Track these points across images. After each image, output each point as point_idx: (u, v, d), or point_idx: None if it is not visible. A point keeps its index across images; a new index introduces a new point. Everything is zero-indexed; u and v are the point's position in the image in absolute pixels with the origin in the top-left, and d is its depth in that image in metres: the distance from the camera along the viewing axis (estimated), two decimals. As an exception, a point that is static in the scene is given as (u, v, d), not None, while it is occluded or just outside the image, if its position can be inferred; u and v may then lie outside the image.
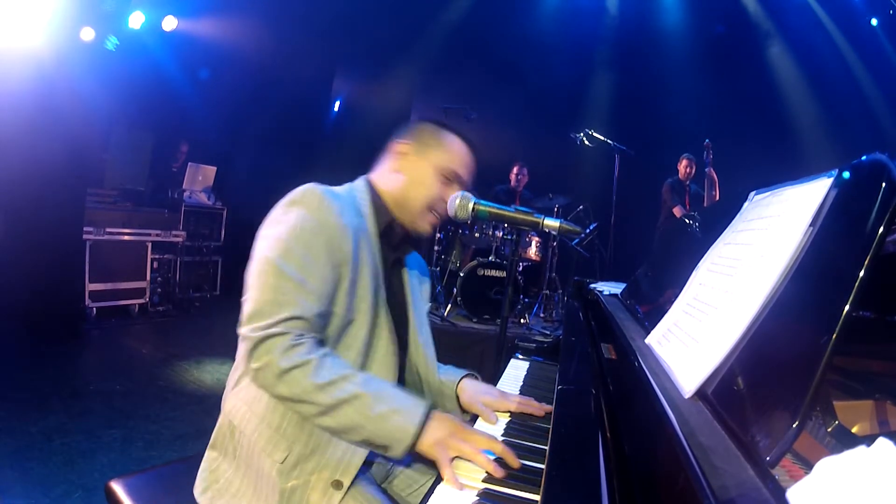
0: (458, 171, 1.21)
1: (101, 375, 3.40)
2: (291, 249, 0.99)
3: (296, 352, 0.95)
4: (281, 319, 0.95)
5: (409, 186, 1.19)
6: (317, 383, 0.94)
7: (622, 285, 1.87)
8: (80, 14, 4.25)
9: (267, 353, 0.94)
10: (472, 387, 1.24)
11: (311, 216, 1.02)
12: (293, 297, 0.97)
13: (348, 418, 0.95)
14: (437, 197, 1.20)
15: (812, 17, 6.39)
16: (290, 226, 1.01)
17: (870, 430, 0.75)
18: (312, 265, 1.00)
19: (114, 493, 1.13)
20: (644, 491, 0.56)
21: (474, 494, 0.83)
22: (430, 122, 1.26)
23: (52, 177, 3.87)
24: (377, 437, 0.95)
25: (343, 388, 0.95)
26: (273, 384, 0.95)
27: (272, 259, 0.98)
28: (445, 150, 1.21)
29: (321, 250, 1.01)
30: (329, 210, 1.04)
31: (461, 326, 4.11)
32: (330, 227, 1.03)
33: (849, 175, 0.71)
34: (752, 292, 0.73)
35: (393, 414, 0.95)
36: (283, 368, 0.93)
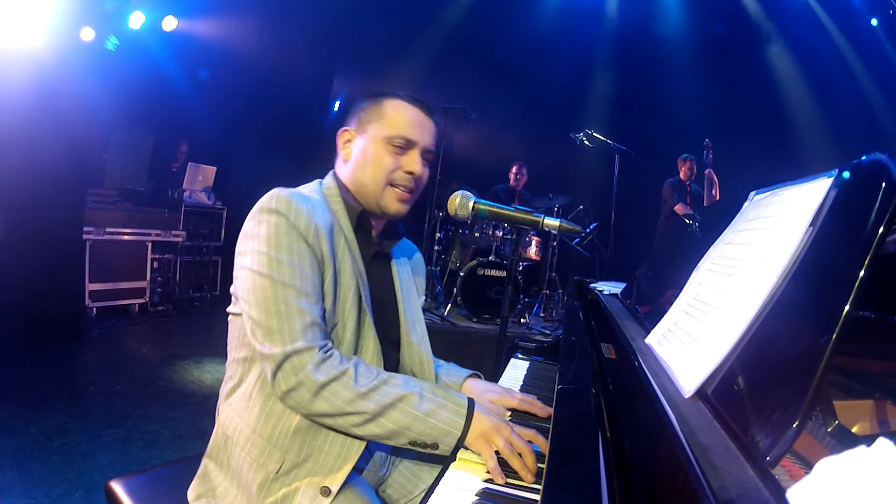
0: (405, 134, 1.10)
1: (101, 375, 3.40)
2: (278, 259, 0.96)
3: (329, 364, 0.94)
4: (298, 332, 0.93)
5: (360, 170, 1.12)
6: (360, 391, 0.93)
7: (622, 285, 1.87)
8: (80, 14, 4.25)
9: (296, 371, 0.92)
10: (477, 386, 1.23)
11: (283, 220, 0.99)
12: (297, 304, 0.95)
13: (395, 421, 0.94)
14: (392, 168, 1.11)
15: (812, 17, 6.39)
16: (266, 236, 0.98)
17: (870, 430, 0.75)
18: (302, 269, 0.98)
19: (114, 493, 1.13)
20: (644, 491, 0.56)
21: (474, 494, 0.83)
22: (366, 98, 1.17)
23: (53, 177, 3.87)
24: (425, 436, 0.94)
25: (386, 392, 0.95)
26: (310, 401, 0.93)
27: (264, 273, 0.96)
28: (386, 118, 1.11)
29: (304, 253, 0.99)
30: (300, 212, 1.00)
31: (461, 326, 4.11)
32: (305, 229, 0.99)
33: (849, 175, 0.71)
34: (752, 292, 0.73)
35: (440, 410, 0.95)
36: (320, 383, 0.92)
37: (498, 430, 0.94)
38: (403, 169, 1.11)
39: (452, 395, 0.99)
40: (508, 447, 0.91)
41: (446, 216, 4.63)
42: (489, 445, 0.92)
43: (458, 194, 1.36)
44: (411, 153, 1.12)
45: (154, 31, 5.20)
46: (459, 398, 0.99)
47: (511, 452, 0.90)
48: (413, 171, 1.11)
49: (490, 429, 0.94)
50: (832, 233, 0.67)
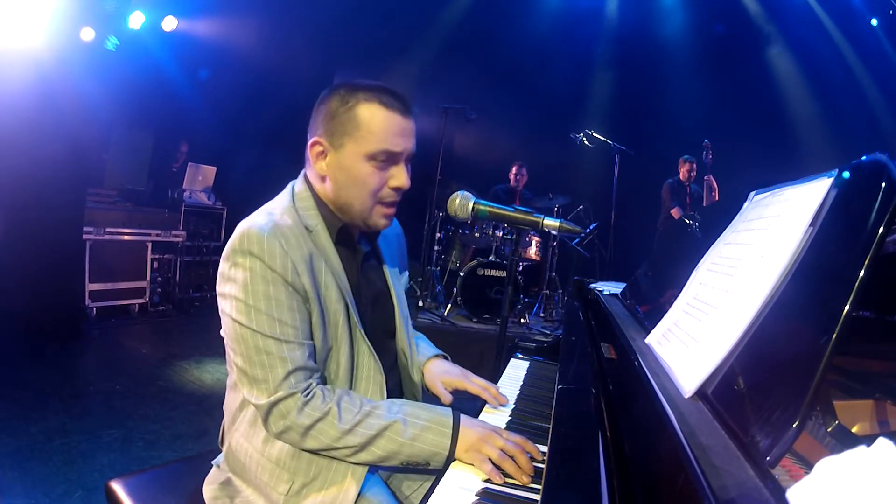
0: (387, 147, 1.01)
1: (101, 375, 3.40)
2: (255, 307, 0.95)
3: (311, 406, 0.96)
4: (280, 381, 0.95)
5: (342, 190, 1.04)
6: (344, 429, 0.95)
7: (622, 285, 1.87)
8: (80, 14, 4.25)
9: (282, 417, 0.95)
10: (437, 367, 1.26)
11: (258, 263, 0.96)
12: (279, 354, 0.95)
13: (383, 449, 0.96)
14: (378, 187, 1.03)
15: (812, 17, 6.39)
16: (242, 282, 0.96)
17: (870, 430, 0.75)
18: (281, 315, 0.96)
19: (114, 493, 1.13)
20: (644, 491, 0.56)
21: (474, 494, 0.83)
22: (335, 98, 1.03)
23: (53, 177, 3.86)
24: (415, 458, 0.97)
25: (370, 424, 0.97)
26: (300, 441, 0.97)
27: (243, 324, 0.96)
28: (362, 130, 1.00)
29: (282, 296, 0.96)
30: (273, 253, 0.96)
31: (461, 326, 4.11)
32: (282, 269, 0.96)
33: (849, 175, 0.71)
34: (752, 292, 0.73)
35: (424, 433, 0.97)
36: (306, 426, 0.95)
37: (486, 439, 0.94)
38: (390, 185, 1.04)
39: (436, 416, 0.99)
40: (500, 454, 0.91)
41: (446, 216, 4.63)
42: (481, 456, 0.92)
43: (458, 195, 1.36)
44: (397, 166, 1.04)
45: (154, 31, 5.20)
46: (444, 417, 0.98)
47: (502, 458, 0.90)
48: (401, 186, 1.05)
49: (478, 440, 0.94)
50: (832, 233, 0.67)
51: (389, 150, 1.01)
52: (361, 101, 1.01)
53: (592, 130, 5.06)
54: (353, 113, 1.01)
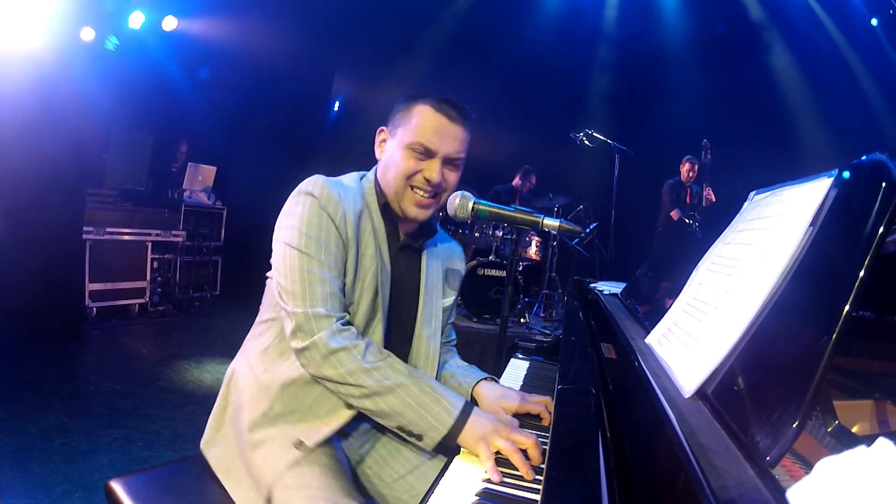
0: (425, 142, 1.14)
1: (101, 375, 3.40)
2: (307, 234, 1.07)
3: (343, 335, 1.02)
4: (318, 298, 1.04)
5: (386, 170, 1.19)
6: (364, 367, 1.00)
7: (622, 285, 1.87)
8: (80, 14, 4.25)
9: (313, 332, 1.02)
10: (491, 392, 1.19)
11: (316, 203, 1.09)
12: (320, 275, 1.05)
13: (389, 405, 1.00)
14: (411, 172, 1.15)
15: (812, 17, 6.39)
16: (300, 214, 1.09)
17: (870, 430, 0.75)
18: (327, 246, 1.08)
19: (114, 493, 1.13)
20: (644, 491, 0.56)
21: (474, 494, 0.83)
22: (405, 100, 1.21)
23: (52, 177, 3.86)
24: (413, 425, 0.99)
25: (388, 375, 1.01)
26: (319, 363, 1.01)
27: (293, 246, 1.07)
28: (412, 123, 1.15)
29: (331, 232, 1.09)
30: (330, 197, 1.10)
31: (461, 326, 4.11)
32: (333, 212, 1.09)
33: (849, 175, 0.71)
34: (752, 292, 0.73)
35: (433, 404, 0.99)
36: (332, 349, 1.01)
37: (497, 431, 0.94)
38: (423, 174, 1.15)
39: (450, 396, 1.02)
40: (509, 445, 0.91)
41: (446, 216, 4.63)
42: (488, 447, 0.92)
43: (458, 195, 1.36)
44: (432, 161, 1.15)
45: (154, 31, 5.19)
46: (455, 399, 1.01)
47: (512, 450, 0.90)
48: (430, 179, 1.15)
49: (489, 431, 0.94)
50: (832, 233, 0.67)
51: (425, 145, 1.14)
52: (420, 102, 1.18)
53: (592, 130, 5.06)
54: (410, 110, 1.17)
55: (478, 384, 1.23)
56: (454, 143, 1.17)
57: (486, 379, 1.25)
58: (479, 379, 1.24)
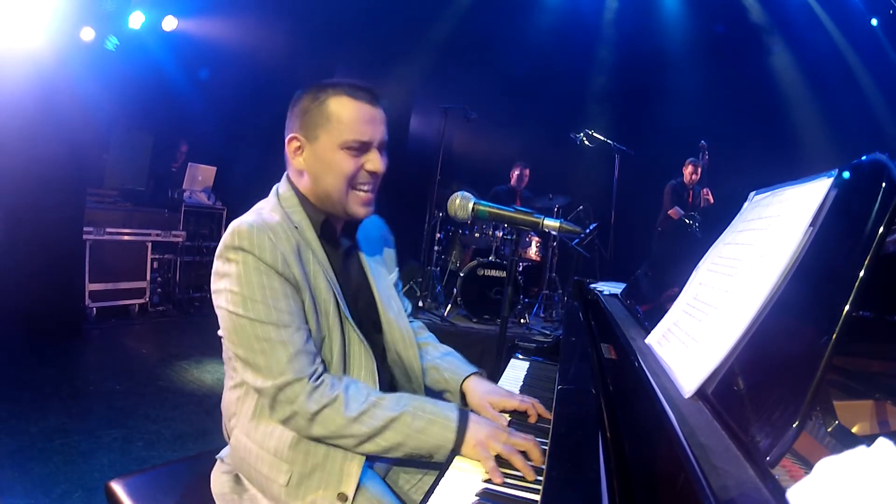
0: (358, 137, 1.05)
1: (101, 375, 3.40)
2: (251, 298, 0.98)
3: (320, 393, 0.97)
4: (284, 364, 0.96)
5: (319, 180, 1.09)
6: (351, 417, 0.97)
7: (622, 285, 1.87)
8: (80, 14, 4.25)
9: (290, 402, 0.97)
10: (480, 387, 1.21)
11: (250, 257, 0.99)
12: (278, 339, 0.98)
13: (388, 441, 0.98)
14: (352, 173, 1.07)
15: (812, 17, 6.39)
16: (236, 275, 0.99)
17: (870, 430, 0.75)
18: (276, 303, 0.99)
19: (114, 493, 1.13)
20: (644, 491, 0.56)
21: (474, 494, 0.83)
22: (307, 96, 1.09)
23: (52, 177, 3.86)
24: (419, 450, 0.98)
25: (377, 415, 0.98)
26: (306, 427, 0.98)
27: (240, 314, 0.98)
28: (333, 122, 1.05)
29: (276, 284, 1.00)
30: (263, 245, 1.00)
31: (461, 326, 4.11)
32: (271, 259, 1.00)
33: (849, 175, 0.71)
34: (752, 292, 0.73)
35: (430, 426, 0.98)
36: (313, 412, 0.96)
37: (495, 436, 0.95)
38: (365, 169, 1.08)
39: (442, 410, 1.00)
40: (507, 448, 0.92)
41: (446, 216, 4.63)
42: (487, 451, 0.93)
43: (458, 195, 1.36)
44: (369, 152, 1.08)
45: (154, 31, 5.19)
46: (449, 413, 1.00)
47: (511, 452, 0.91)
48: (375, 170, 1.09)
49: (487, 437, 0.95)
50: (832, 233, 0.67)
51: (360, 139, 1.06)
52: (331, 94, 1.06)
53: (592, 130, 5.06)
54: (324, 106, 1.06)
55: (466, 379, 1.24)
56: (382, 126, 1.10)
57: (475, 374, 1.26)
58: (468, 374, 1.25)
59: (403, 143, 6.86)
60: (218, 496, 1.11)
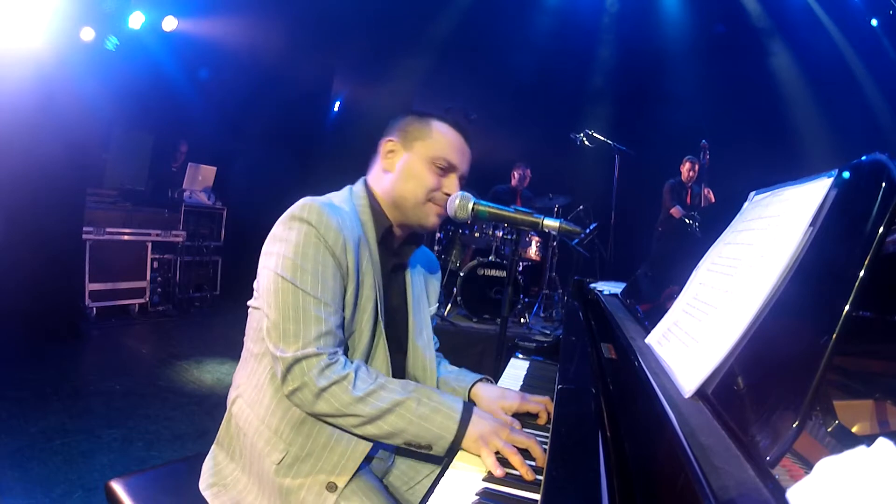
0: (449, 157, 1.16)
1: (101, 375, 3.40)
2: (302, 267, 1.01)
3: (332, 370, 0.98)
4: (311, 339, 0.98)
5: (402, 183, 1.15)
6: (357, 396, 0.97)
7: (622, 285, 1.87)
8: (80, 14, 4.25)
9: (302, 374, 0.97)
10: (488, 392, 1.22)
11: (313, 231, 1.03)
12: (315, 313, 0.99)
13: (391, 425, 0.98)
14: (433, 187, 1.15)
15: (812, 17, 6.39)
16: (294, 243, 1.02)
17: (870, 430, 0.75)
18: (324, 280, 1.02)
19: (114, 493, 1.13)
20: (644, 491, 0.56)
21: (474, 493, 0.83)
22: (415, 114, 1.21)
23: (52, 177, 3.86)
24: (420, 438, 0.98)
25: (383, 397, 0.99)
26: (312, 402, 0.98)
27: (286, 278, 1.00)
28: (433, 138, 1.16)
29: (329, 264, 1.03)
30: (329, 224, 1.03)
31: (461, 326, 4.11)
32: (333, 241, 1.03)
33: (849, 175, 0.71)
34: (752, 292, 0.73)
35: (434, 414, 0.98)
36: (321, 387, 0.97)
37: (496, 432, 0.95)
38: (443, 190, 1.16)
39: (447, 401, 1.01)
40: (508, 447, 0.92)
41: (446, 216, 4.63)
42: (487, 447, 0.93)
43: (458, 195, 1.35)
44: (451, 176, 1.17)
45: (154, 31, 5.19)
46: (454, 403, 1.01)
47: (511, 451, 0.91)
48: (451, 193, 1.17)
49: (488, 432, 0.96)
50: (832, 233, 0.67)
51: (450, 160, 1.16)
52: (437, 119, 1.19)
53: (592, 130, 5.06)
54: (428, 125, 1.18)
55: (474, 386, 1.25)
56: (468, 162, 1.21)
57: (482, 380, 1.27)
58: (475, 381, 1.27)
59: (403, 143, 6.85)
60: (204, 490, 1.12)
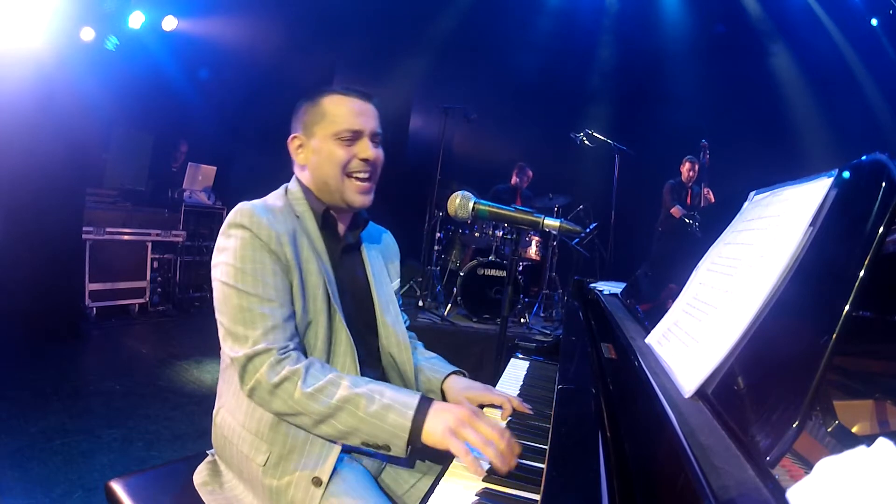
0: (350, 126, 1.14)
1: (101, 375, 3.40)
2: (242, 269, 1.04)
3: (282, 365, 0.98)
4: (259, 336, 1.00)
5: (318, 170, 1.17)
6: (307, 392, 0.96)
7: (622, 285, 1.87)
8: (80, 14, 4.25)
9: (255, 371, 0.98)
10: (457, 384, 1.25)
11: (248, 234, 1.06)
12: (260, 311, 1.02)
13: (343, 423, 0.96)
14: (346, 160, 1.14)
15: (812, 17, 6.39)
16: (233, 248, 1.06)
17: (870, 430, 0.75)
18: (264, 277, 1.04)
19: (114, 493, 1.13)
20: (644, 491, 0.56)
21: (474, 494, 0.83)
22: (306, 99, 1.20)
23: (52, 177, 3.86)
24: (375, 438, 0.95)
25: (332, 393, 0.97)
26: (268, 400, 0.99)
27: (230, 284, 1.04)
28: (327, 117, 1.15)
29: (266, 261, 1.05)
30: (261, 223, 1.06)
31: (461, 326, 4.11)
32: (266, 237, 1.06)
33: (849, 175, 0.71)
34: (752, 292, 0.73)
35: (386, 411, 0.95)
36: (273, 383, 0.97)
37: (461, 421, 0.91)
38: (357, 157, 1.15)
39: (401, 397, 0.97)
40: (480, 438, 0.88)
41: (446, 216, 4.63)
42: (458, 440, 0.89)
43: (458, 195, 1.36)
44: (360, 142, 1.16)
45: (154, 31, 5.19)
46: (409, 399, 0.97)
47: (484, 443, 0.88)
48: (367, 157, 1.15)
49: (455, 422, 0.91)
50: (832, 233, 0.67)
51: (351, 128, 1.14)
52: (325, 95, 1.17)
53: (592, 130, 5.06)
54: (319, 106, 1.16)
55: (447, 378, 1.27)
56: (373, 120, 1.18)
57: (455, 372, 1.29)
58: (448, 373, 1.28)
59: (403, 143, 6.86)
60: (199, 486, 1.13)
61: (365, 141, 1.16)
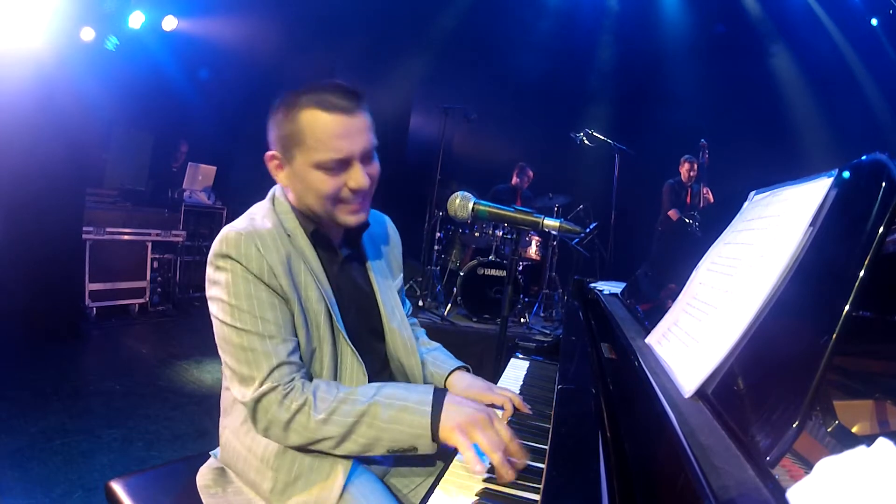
0: (335, 155, 0.98)
1: (101, 375, 3.40)
2: (238, 307, 0.98)
3: (290, 399, 0.96)
4: (265, 376, 0.96)
5: (302, 197, 1.05)
6: (320, 419, 0.95)
7: (622, 285, 1.87)
8: (80, 14, 4.25)
9: (266, 412, 0.96)
10: (462, 381, 1.23)
11: (238, 266, 0.98)
12: (263, 350, 0.97)
13: (365, 436, 0.95)
14: (334, 191, 1.01)
15: (812, 17, 6.39)
16: (224, 284, 0.99)
17: (870, 430, 0.75)
18: (263, 312, 0.98)
19: (114, 493, 1.13)
20: (644, 491, 0.56)
21: (474, 494, 0.83)
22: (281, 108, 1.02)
23: (52, 177, 3.86)
24: (398, 442, 0.95)
25: (346, 412, 0.96)
26: (284, 437, 0.97)
27: (228, 324, 0.98)
28: (307, 142, 0.98)
29: (263, 295, 0.99)
30: (250, 255, 0.98)
31: (461, 326, 4.11)
32: (258, 270, 0.98)
33: (849, 175, 0.71)
34: (752, 292, 0.73)
35: (403, 413, 0.95)
36: (285, 420, 0.95)
37: (474, 422, 0.90)
38: (348, 186, 1.02)
39: (415, 395, 0.97)
40: (490, 442, 0.87)
41: (446, 216, 4.63)
42: (466, 438, 0.89)
43: (458, 195, 1.36)
44: (352, 168, 1.01)
45: (154, 31, 5.19)
46: (423, 395, 0.96)
47: (492, 448, 0.87)
48: (360, 187, 1.02)
49: (466, 421, 0.91)
50: (832, 233, 0.67)
51: (335, 157, 0.99)
52: (303, 106, 0.99)
53: (592, 130, 5.06)
54: (296, 122, 0.99)
55: (451, 374, 1.25)
56: (363, 136, 1.01)
57: (459, 369, 1.27)
58: (453, 369, 1.26)
59: (403, 143, 6.87)
60: (202, 488, 1.12)
61: (356, 167, 1.01)
